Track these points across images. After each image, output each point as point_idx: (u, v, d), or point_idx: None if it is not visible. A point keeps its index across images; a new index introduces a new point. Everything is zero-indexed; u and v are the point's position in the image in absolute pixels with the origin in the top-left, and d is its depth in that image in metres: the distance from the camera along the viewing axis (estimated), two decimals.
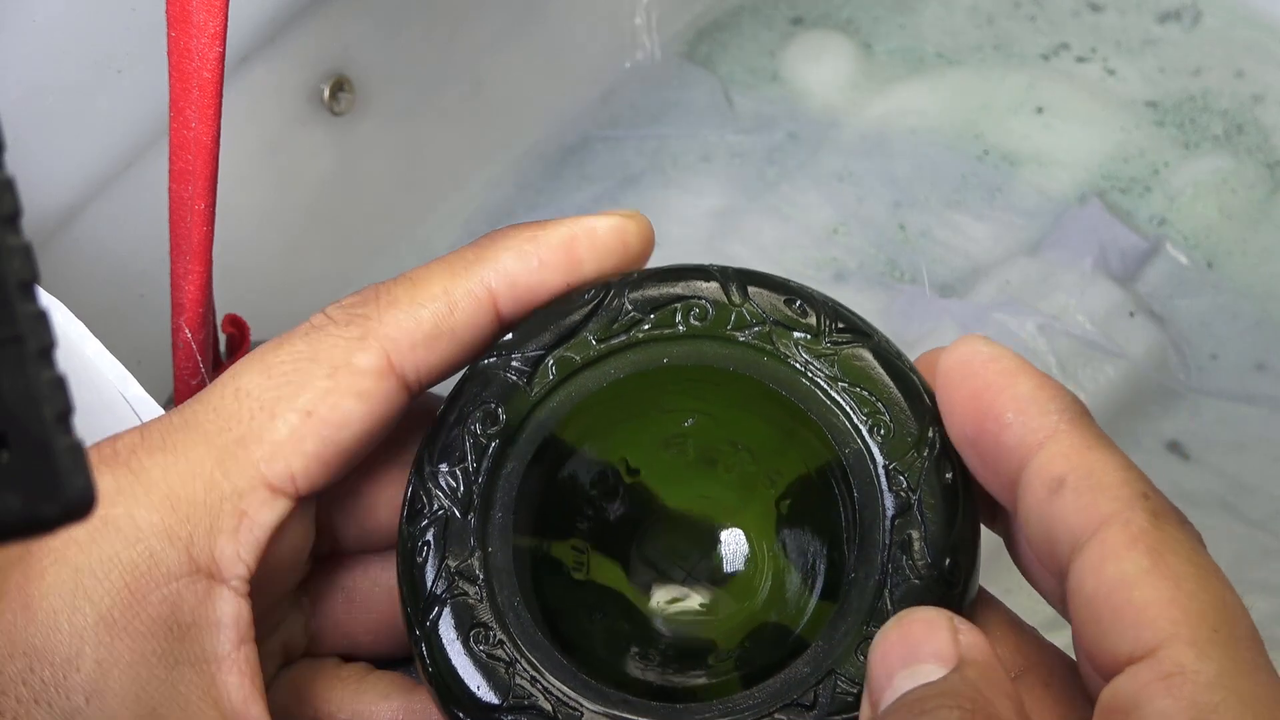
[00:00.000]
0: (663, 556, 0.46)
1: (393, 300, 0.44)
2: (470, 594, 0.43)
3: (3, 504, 0.28)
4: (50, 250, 0.65)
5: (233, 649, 0.42)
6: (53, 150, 0.64)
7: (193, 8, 0.49)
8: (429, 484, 0.43)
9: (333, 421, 0.43)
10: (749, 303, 0.44)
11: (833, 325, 0.44)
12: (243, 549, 0.42)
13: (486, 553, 0.43)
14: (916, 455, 0.43)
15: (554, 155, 0.83)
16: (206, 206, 0.50)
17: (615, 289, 0.44)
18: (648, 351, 0.44)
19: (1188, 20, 0.87)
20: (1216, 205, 0.82)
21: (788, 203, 0.82)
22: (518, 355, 0.44)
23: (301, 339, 0.44)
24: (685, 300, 0.44)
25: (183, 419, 0.43)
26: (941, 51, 0.86)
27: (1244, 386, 0.77)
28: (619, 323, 0.44)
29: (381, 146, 0.77)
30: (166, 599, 0.41)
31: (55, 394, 0.29)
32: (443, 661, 0.42)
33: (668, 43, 0.86)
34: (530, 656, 0.42)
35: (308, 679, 0.46)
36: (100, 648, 0.41)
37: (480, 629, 0.42)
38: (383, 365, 0.43)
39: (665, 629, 0.46)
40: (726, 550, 0.46)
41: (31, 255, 0.29)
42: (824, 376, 0.43)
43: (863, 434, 0.43)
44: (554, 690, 0.42)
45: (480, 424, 0.44)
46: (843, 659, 0.42)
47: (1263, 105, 0.84)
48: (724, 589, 0.46)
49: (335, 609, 0.46)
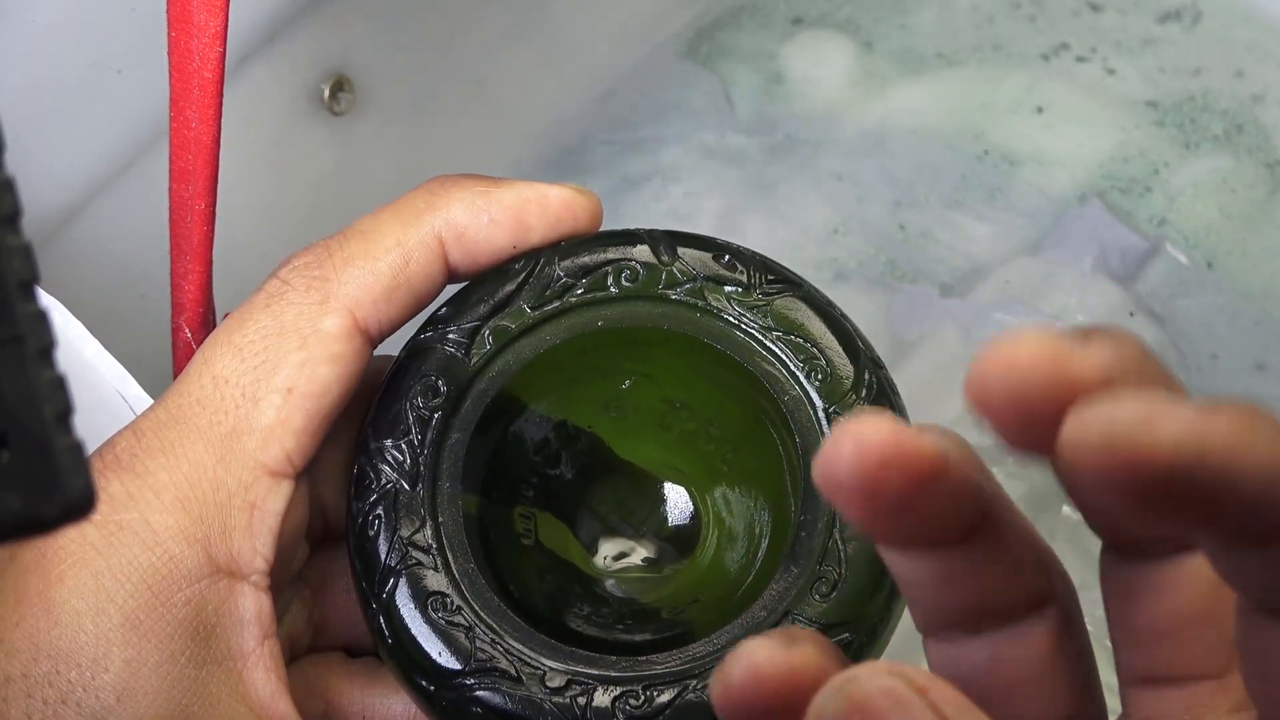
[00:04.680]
0: (609, 517, 0.47)
1: (348, 257, 0.44)
2: (425, 563, 0.43)
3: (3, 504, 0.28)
4: (50, 250, 0.65)
5: (257, 645, 0.42)
6: (53, 150, 0.64)
7: (193, 8, 0.49)
8: (375, 460, 0.44)
9: (313, 393, 0.43)
10: (679, 261, 0.45)
11: (763, 277, 0.44)
12: (259, 542, 0.43)
13: (438, 522, 0.43)
14: (855, 396, 0.43)
15: (554, 155, 0.83)
16: (206, 206, 0.50)
17: (546, 257, 0.45)
18: (582, 315, 0.45)
19: (1188, 20, 0.87)
20: (1216, 205, 0.81)
21: (788, 203, 0.82)
22: (454, 328, 0.44)
23: (264, 311, 0.44)
24: (616, 263, 0.45)
25: (169, 414, 0.43)
26: (941, 51, 0.86)
27: (1244, 386, 0.77)
28: (552, 289, 0.45)
29: (381, 146, 0.77)
30: (189, 600, 0.42)
31: (55, 394, 0.29)
32: (403, 631, 0.43)
33: (668, 43, 0.86)
34: (489, 620, 0.42)
35: (318, 673, 0.46)
36: (128, 648, 0.41)
37: (437, 596, 0.43)
38: (349, 325, 0.43)
39: (617, 589, 0.46)
40: (673, 508, 0.47)
41: (31, 255, 0.29)
42: (758, 327, 0.44)
43: (800, 380, 0.43)
44: (514, 651, 0.42)
45: (422, 397, 0.44)
46: (798, 599, 0.42)
47: (1263, 105, 0.84)
48: (673, 546, 0.46)
49: (338, 601, 0.47)
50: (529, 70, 0.82)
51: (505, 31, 0.80)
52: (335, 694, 0.46)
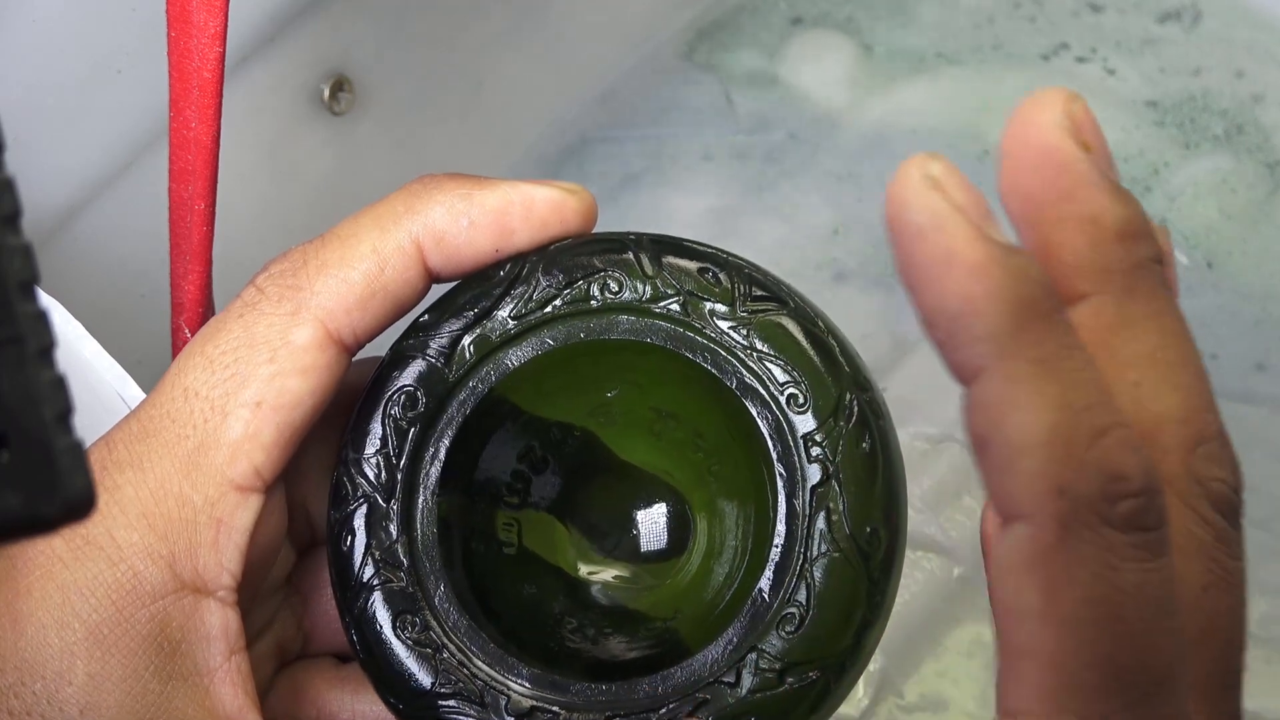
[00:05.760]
0: (592, 527, 0.46)
1: (322, 265, 0.43)
2: (395, 580, 0.43)
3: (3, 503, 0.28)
4: (50, 250, 0.65)
5: (224, 660, 0.42)
6: (53, 150, 0.64)
7: (193, 8, 0.48)
8: (352, 471, 0.43)
9: (283, 406, 0.42)
10: (663, 274, 0.44)
11: (748, 292, 0.43)
12: (225, 558, 0.42)
13: (411, 537, 0.43)
14: (834, 423, 0.42)
15: (554, 155, 0.83)
16: (206, 206, 0.50)
17: (530, 264, 0.44)
18: (564, 327, 0.44)
19: (1188, 20, 0.87)
20: (1216, 205, 0.81)
21: (788, 203, 0.82)
22: (435, 337, 0.44)
23: (236, 321, 0.43)
24: (600, 273, 0.44)
25: (141, 427, 0.43)
26: (941, 51, 0.86)
27: (1244, 386, 0.77)
28: (534, 300, 0.44)
29: (381, 146, 0.76)
30: (154, 617, 0.41)
31: (55, 394, 0.29)
32: (375, 647, 0.42)
33: (668, 43, 0.86)
34: (458, 641, 0.42)
35: (308, 679, 0.46)
36: (92, 662, 0.41)
37: (407, 615, 0.42)
38: (320, 337, 0.43)
39: (596, 599, 0.46)
40: (655, 520, 0.46)
41: (31, 255, 0.29)
42: (740, 346, 0.43)
43: (780, 403, 0.42)
44: (481, 675, 0.42)
45: (399, 408, 0.43)
46: (763, 634, 0.41)
47: (1263, 105, 0.84)
48: (653, 560, 0.46)
49: (328, 606, 0.46)
50: (529, 70, 0.82)
51: (505, 31, 0.80)
52: (325, 700, 0.46)
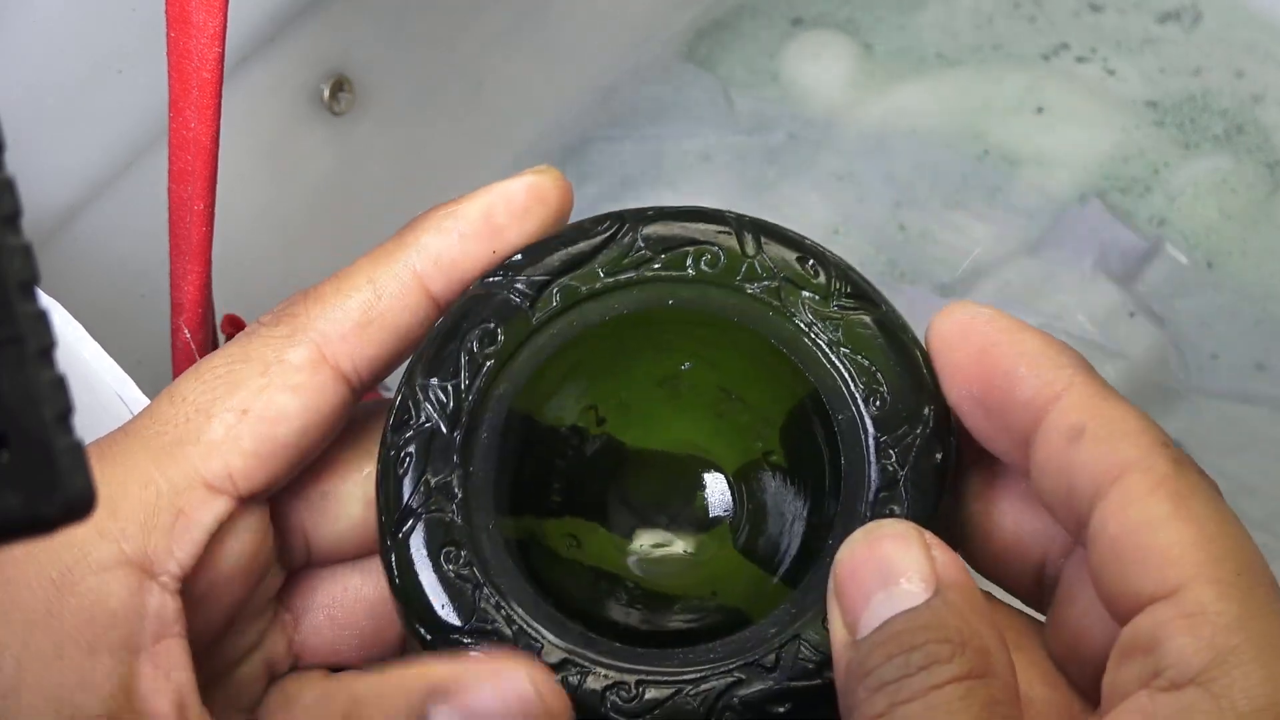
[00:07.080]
0: (644, 498, 0.46)
1: (319, 296, 0.44)
2: (446, 511, 0.42)
3: (3, 503, 0.28)
4: (50, 250, 0.65)
5: (152, 641, 0.42)
6: (53, 150, 0.64)
7: (192, 8, 0.49)
8: (419, 395, 0.43)
9: (268, 417, 0.43)
10: (762, 254, 0.44)
11: (842, 289, 0.43)
12: (177, 546, 0.42)
13: (468, 471, 0.42)
14: (909, 431, 0.42)
15: (554, 155, 0.83)
16: (206, 206, 0.50)
17: (630, 222, 0.44)
18: (654, 290, 0.44)
19: (1188, 20, 0.87)
20: (1216, 205, 0.82)
21: (788, 203, 0.82)
22: (523, 278, 0.43)
23: (235, 345, 0.44)
24: (698, 244, 0.44)
25: (123, 430, 0.44)
26: (941, 51, 0.86)
27: (1244, 386, 0.77)
28: (629, 258, 0.44)
29: (381, 146, 0.77)
30: (94, 589, 0.41)
31: (55, 394, 0.29)
32: (410, 576, 0.42)
33: (668, 43, 0.86)
34: (498, 582, 0.42)
35: (298, 686, 0.46)
36: (21, 646, 0.41)
37: (452, 547, 0.42)
38: (314, 357, 0.43)
39: (637, 570, 0.45)
40: (709, 497, 0.46)
41: (31, 255, 0.29)
42: (826, 340, 0.43)
43: (858, 402, 0.42)
44: (516, 619, 0.41)
45: (478, 342, 0.43)
46: (808, 625, 0.41)
47: (1263, 105, 0.84)
48: (701, 536, 0.46)
49: (320, 627, 0.46)
50: (529, 70, 0.82)
51: (505, 31, 0.80)
52: None
